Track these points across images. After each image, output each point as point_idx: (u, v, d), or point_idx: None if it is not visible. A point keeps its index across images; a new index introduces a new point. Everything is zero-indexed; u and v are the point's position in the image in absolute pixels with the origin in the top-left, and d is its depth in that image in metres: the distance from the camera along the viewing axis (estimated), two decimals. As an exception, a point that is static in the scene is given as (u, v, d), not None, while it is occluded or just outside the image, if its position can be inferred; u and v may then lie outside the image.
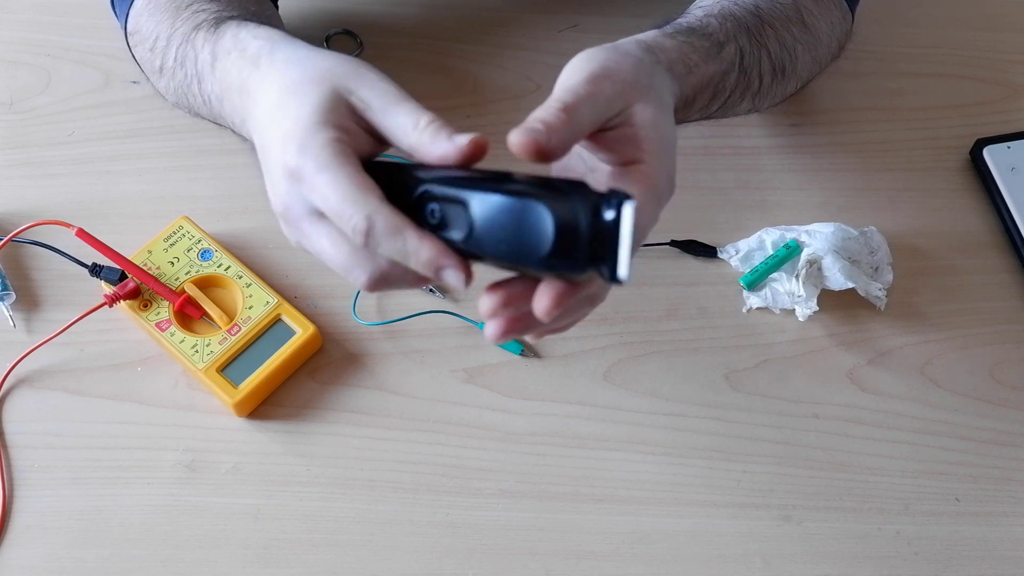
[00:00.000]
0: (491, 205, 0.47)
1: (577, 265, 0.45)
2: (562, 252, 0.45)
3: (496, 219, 0.46)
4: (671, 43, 0.60)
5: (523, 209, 0.46)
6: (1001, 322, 0.74)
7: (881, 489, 0.68)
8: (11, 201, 0.77)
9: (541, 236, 0.45)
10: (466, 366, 0.71)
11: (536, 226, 0.45)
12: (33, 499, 0.66)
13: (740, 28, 0.65)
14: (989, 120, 0.83)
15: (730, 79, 0.64)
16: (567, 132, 0.50)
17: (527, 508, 0.66)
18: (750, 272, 0.73)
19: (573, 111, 0.51)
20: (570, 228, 0.45)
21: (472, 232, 0.47)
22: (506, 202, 0.46)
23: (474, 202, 0.47)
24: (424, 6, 0.88)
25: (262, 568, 0.64)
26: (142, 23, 0.70)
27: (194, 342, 0.69)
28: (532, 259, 0.46)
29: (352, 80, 0.52)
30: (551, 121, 0.49)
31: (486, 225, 0.47)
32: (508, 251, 0.46)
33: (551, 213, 0.45)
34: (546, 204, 0.45)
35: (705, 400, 0.70)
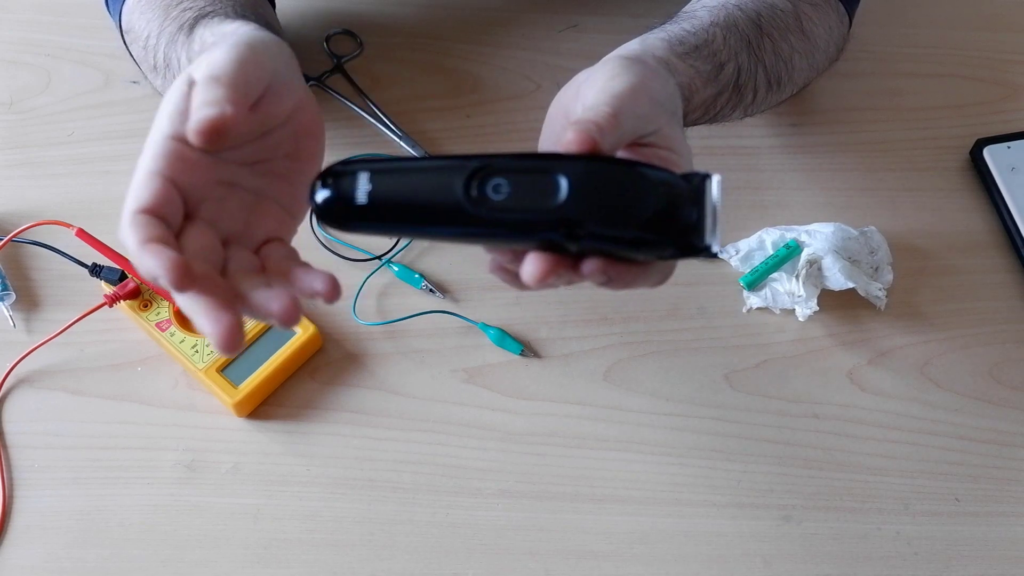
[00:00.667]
0: (587, 170, 0.46)
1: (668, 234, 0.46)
2: (661, 216, 0.45)
3: (594, 181, 0.45)
4: (682, 67, 0.60)
5: (625, 174, 0.46)
6: (1001, 322, 0.74)
7: (881, 489, 0.68)
8: (11, 201, 0.77)
9: (643, 199, 0.45)
10: (466, 366, 0.71)
11: (637, 190, 0.45)
12: (33, 499, 0.66)
13: (742, 44, 0.65)
14: (989, 120, 0.83)
15: (723, 98, 0.65)
16: (615, 135, 0.49)
17: (527, 508, 0.66)
18: (750, 272, 0.73)
19: (619, 116, 0.50)
20: (672, 191, 0.46)
21: (570, 193, 0.45)
22: (602, 166, 0.46)
23: (569, 167, 0.46)
24: (424, 6, 0.88)
25: (262, 568, 0.64)
26: (135, 21, 0.70)
27: (194, 342, 0.69)
28: (634, 222, 0.45)
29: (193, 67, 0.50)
30: (602, 123, 0.49)
31: (584, 187, 0.45)
32: (605, 215, 0.45)
33: (652, 177, 0.46)
34: (644, 169, 0.46)
35: (705, 400, 0.70)
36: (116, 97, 0.82)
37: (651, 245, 0.47)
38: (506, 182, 0.46)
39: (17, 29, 0.86)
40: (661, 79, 0.56)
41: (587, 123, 0.48)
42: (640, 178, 0.46)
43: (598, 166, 0.47)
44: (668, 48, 0.61)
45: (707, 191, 0.47)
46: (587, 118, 0.49)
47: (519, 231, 0.46)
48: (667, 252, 0.47)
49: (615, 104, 0.50)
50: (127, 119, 0.81)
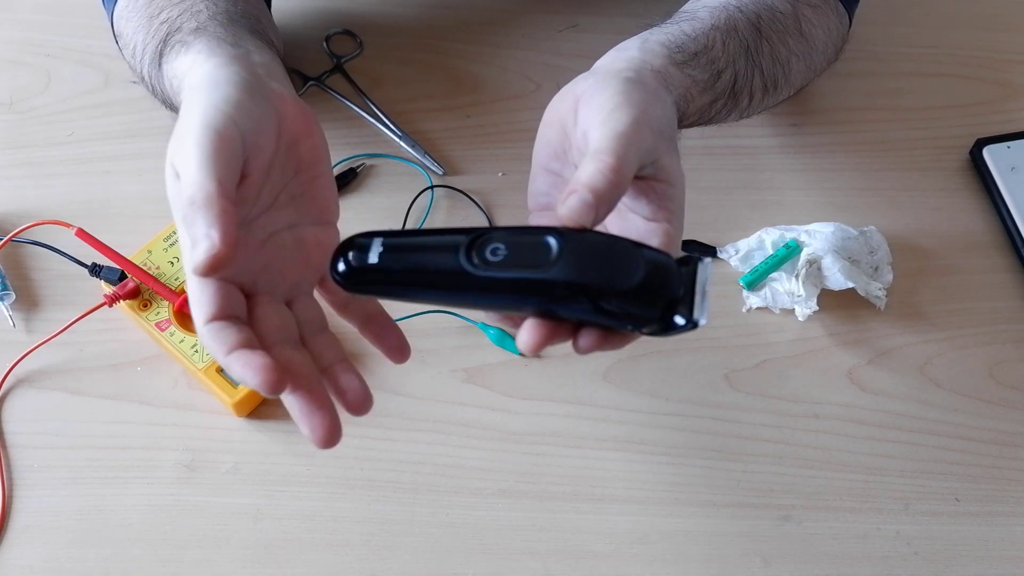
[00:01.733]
0: (580, 238, 0.48)
1: (657, 307, 0.48)
2: (649, 286, 0.47)
3: (585, 250, 0.48)
4: (679, 77, 0.60)
5: (613, 245, 0.48)
6: (1001, 322, 0.74)
7: (881, 489, 0.68)
8: (11, 201, 0.77)
9: (632, 268, 0.47)
10: (466, 366, 0.71)
11: (626, 259, 0.48)
12: (33, 499, 0.66)
13: (740, 48, 0.65)
14: (989, 120, 0.83)
15: (719, 104, 0.65)
16: (616, 195, 0.50)
17: (527, 508, 0.66)
18: (750, 272, 0.73)
19: (624, 167, 0.50)
20: (661, 265, 0.48)
21: (559, 258, 0.47)
22: (594, 236, 0.49)
23: (562, 236, 0.48)
24: (424, 6, 0.88)
25: (262, 568, 0.64)
26: (123, 27, 0.70)
27: (194, 342, 0.69)
28: (616, 289, 0.47)
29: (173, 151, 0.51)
30: (602, 189, 0.49)
31: (575, 254, 0.47)
32: (594, 278, 0.47)
33: (643, 251, 0.48)
34: (635, 244, 0.48)
35: (705, 400, 0.70)
36: (116, 97, 0.82)
37: (639, 318, 0.48)
38: (504, 246, 0.48)
39: (17, 29, 0.86)
40: (660, 103, 0.56)
41: (585, 198, 0.48)
42: (630, 252, 0.48)
43: (593, 237, 0.49)
44: (667, 56, 0.60)
45: (698, 271, 0.49)
46: (586, 183, 0.49)
47: (510, 293, 0.48)
48: (654, 326, 0.49)
49: (620, 150, 0.50)
50: (127, 119, 0.81)
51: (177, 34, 0.61)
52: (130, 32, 0.68)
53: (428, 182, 0.78)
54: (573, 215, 0.48)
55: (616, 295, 0.47)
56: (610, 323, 0.49)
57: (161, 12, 0.65)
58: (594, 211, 0.48)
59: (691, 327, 0.48)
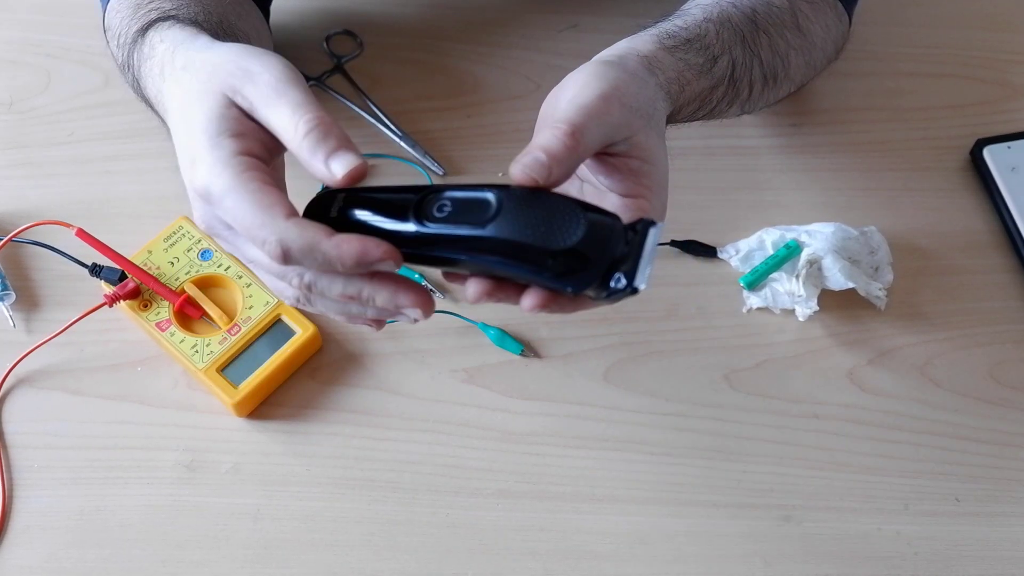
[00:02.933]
0: (523, 197, 0.47)
1: (594, 269, 0.47)
2: (586, 247, 0.46)
3: (525, 208, 0.47)
4: (670, 60, 0.60)
5: (558, 204, 0.47)
6: (1001, 322, 0.74)
7: (881, 489, 0.68)
8: (11, 201, 0.77)
9: (569, 228, 0.46)
10: (466, 366, 0.71)
11: (567, 219, 0.47)
12: (33, 499, 0.66)
13: (735, 37, 0.65)
14: (989, 120, 0.83)
15: (719, 92, 0.64)
16: (572, 161, 0.50)
17: (527, 508, 0.66)
18: (750, 272, 0.73)
19: (581, 134, 0.50)
20: (601, 226, 0.47)
21: (497, 215, 0.47)
22: (540, 196, 0.48)
23: (505, 193, 0.48)
24: (424, 6, 0.88)
25: (262, 568, 0.64)
26: (111, 18, 0.69)
27: (194, 342, 0.69)
28: (551, 248, 0.46)
29: (236, 78, 0.50)
30: (556, 151, 0.49)
31: (513, 212, 0.47)
32: (529, 236, 0.47)
33: (585, 213, 0.47)
34: (581, 205, 0.47)
35: (705, 400, 0.70)
36: (116, 97, 0.82)
37: (576, 279, 0.47)
38: (450, 203, 0.48)
39: (17, 29, 0.86)
40: (638, 82, 0.56)
41: (537, 157, 0.49)
42: (571, 212, 0.47)
43: (535, 196, 0.48)
44: (656, 43, 0.61)
45: (648, 236, 0.48)
46: (541, 144, 0.49)
47: (449, 249, 0.48)
48: (594, 290, 0.48)
49: (578, 117, 0.51)
50: (127, 119, 0.80)
51: (168, 18, 0.61)
52: (117, 22, 0.68)
53: (428, 182, 0.78)
54: (525, 170, 0.48)
55: (551, 254, 0.47)
56: (548, 283, 0.48)
57: (151, 3, 0.65)
58: (547, 170, 0.48)
59: (630, 292, 0.47)
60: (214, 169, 0.49)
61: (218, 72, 0.51)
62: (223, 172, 0.48)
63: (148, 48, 0.60)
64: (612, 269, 0.47)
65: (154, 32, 0.60)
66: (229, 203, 0.48)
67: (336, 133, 0.48)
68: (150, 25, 0.62)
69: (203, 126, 0.50)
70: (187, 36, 0.57)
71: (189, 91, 0.52)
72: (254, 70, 0.50)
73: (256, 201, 0.47)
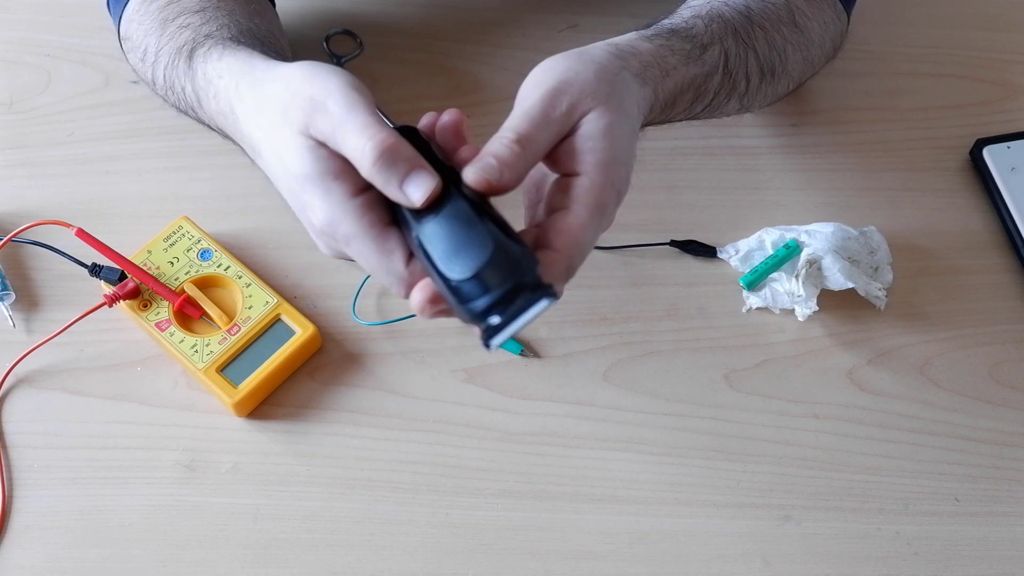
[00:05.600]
0: (455, 211, 0.50)
1: (477, 297, 0.48)
2: (483, 280, 0.48)
3: (450, 225, 0.49)
4: (647, 46, 0.60)
5: (475, 235, 0.49)
6: (1001, 322, 0.74)
7: (881, 489, 0.68)
8: (11, 201, 0.77)
9: (475, 255, 0.48)
10: (466, 366, 0.71)
11: (477, 247, 0.49)
12: (33, 499, 0.66)
13: (727, 30, 0.65)
14: (989, 120, 0.83)
15: (713, 81, 0.64)
16: (521, 165, 0.52)
17: (527, 508, 0.66)
18: (750, 272, 0.73)
19: (527, 141, 0.52)
20: (504, 264, 0.48)
21: (424, 220, 0.50)
22: (469, 215, 0.50)
23: (446, 204, 0.50)
24: (424, 6, 0.88)
25: (262, 568, 0.64)
26: (132, 30, 0.70)
27: (194, 342, 0.69)
28: (459, 268, 0.49)
29: (305, 113, 0.52)
30: (505, 157, 0.51)
31: (439, 224, 0.49)
32: (444, 250, 0.49)
33: (495, 245, 0.49)
34: (499, 239, 0.49)
35: (705, 400, 0.70)
36: (116, 97, 0.82)
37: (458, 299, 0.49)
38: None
39: (17, 29, 0.86)
40: (595, 65, 0.55)
41: (488, 162, 0.51)
42: (481, 246, 0.49)
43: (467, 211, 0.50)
44: (635, 35, 0.61)
45: (531, 307, 0.48)
46: (490, 151, 0.51)
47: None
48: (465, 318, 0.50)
49: (524, 126, 0.52)
50: (127, 119, 0.81)
51: (210, 40, 0.63)
52: (140, 35, 0.69)
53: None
54: (479, 173, 0.51)
55: (443, 277, 0.49)
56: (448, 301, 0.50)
57: (177, 18, 0.67)
58: (498, 172, 0.51)
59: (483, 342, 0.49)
60: (334, 215, 0.51)
61: (289, 111, 0.52)
62: (344, 219, 0.51)
63: (204, 82, 0.61)
64: (486, 314, 0.48)
65: (204, 63, 0.62)
66: (355, 249, 0.52)
67: (403, 155, 0.50)
68: (193, 52, 0.63)
69: (305, 172, 0.52)
70: (243, 67, 0.58)
71: (271, 135, 0.54)
72: (318, 98, 0.52)
73: (379, 248, 0.51)
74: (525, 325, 0.48)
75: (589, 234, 0.52)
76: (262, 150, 0.55)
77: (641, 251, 0.75)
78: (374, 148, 0.49)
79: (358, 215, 0.51)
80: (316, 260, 0.74)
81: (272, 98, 0.54)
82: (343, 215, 0.51)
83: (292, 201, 0.54)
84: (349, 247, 0.52)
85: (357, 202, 0.51)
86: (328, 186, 0.51)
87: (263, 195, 0.77)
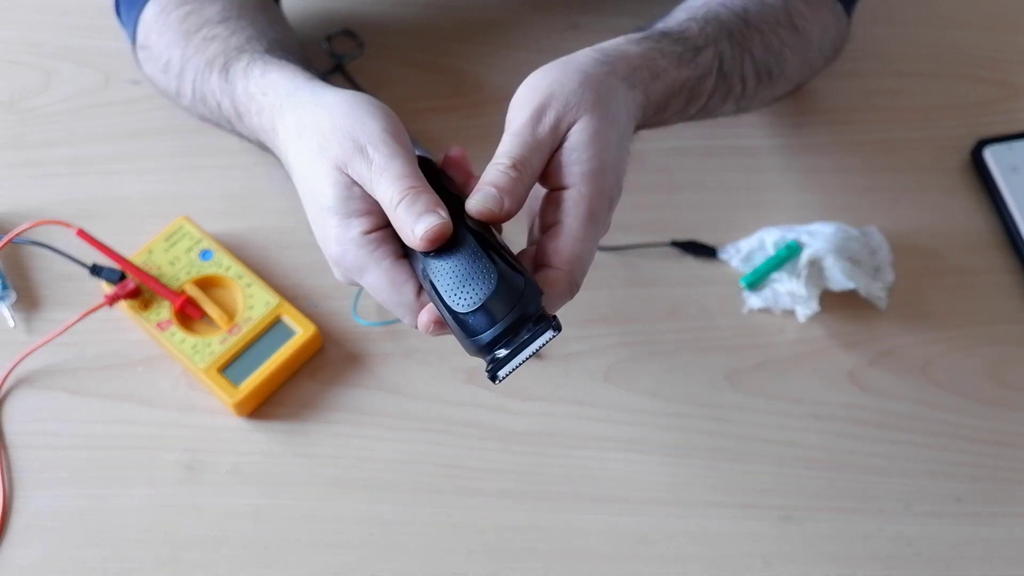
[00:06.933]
0: (461, 245, 0.51)
1: (483, 330, 0.49)
2: (487, 312, 0.49)
3: (456, 258, 0.50)
4: (636, 49, 0.60)
5: (482, 263, 0.50)
6: (1002, 322, 0.74)
7: (882, 489, 0.68)
8: (11, 201, 0.77)
9: (480, 289, 0.49)
10: (466, 366, 0.71)
11: (482, 280, 0.49)
12: (33, 499, 0.66)
13: (721, 32, 0.65)
14: (990, 120, 0.83)
15: (707, 84, 0.64)
16: (520, 190, 0.53)
17: (527, 508, 0.66)
18: (751, 272, 0.73)
19: (523, 165, 0.53)
20: (508, 296, 0.49)
21: (427, 260, 0.51)
22: (474, 248, 0.50)
23: (453, 237, 0.51)
24: (424, 6, 0.88)
25: (262, 568, 0.64)
26: (152, 40, 0.70)
27: (194, 342, 0.69)
28: (464, 301, 0.49)
29: (346, 152, 0.53)
30: (503, 184, 0.52)
31: (445, 258, 0.51)
32: (450, 284, 0.50)
33: (499, 277, 0.49)
34: (502, 271, 0.50)
35: (705, 400, 0.70)
36: (116, 97, 0.82)
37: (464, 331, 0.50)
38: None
39: (17, 29, 0.86)
40: (580, 75, 0.56)
41: (489, 193, 0.52)
42: (487, 279, 0.50)
43: (473, 244, 0.51)
44: (623, 39, 0.61)
45: (535, 338, 0.50)
46: (489, 181, 0.52)
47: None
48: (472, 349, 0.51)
49: (517, 150, 0.53)
50: (127, 119, 0.80)
51: (244, 53, 0.64)
52: (162, 46, 0.70)
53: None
54: (480, 204, 0.52)
55: (448, 308, 0.50)
56: (449, 322, 0.51)
57: (201, 29, 0.67)
58: (499, 202, 0.52)
59: (489, 375, 0.50)
60: (348, 249, 0.53)
61: (329, 143, 0.54)
62: (357, 252, 0.53)
63: (246, 97, 0.62)
64: (491, 347, 0.49)
65: (245, 79, 0.62)
66: (367, 280, 0.53)
67: (424, 199, 0.51)
68: (228, 66, 0.64)
69: (332, 206, 0.53)
70: (288, 87, 0.60)
71: (309, 162, 0.55)
72: (360, 141, 0.53)
73: (390, 280, 0.52)
74: (530, 356, 0.50)
75: (586, 246, 0.53)
76: (294, 173, 0.57)
77: (642, 251, 0.75)
78: (402, 191, 0.51)
79: (371, 248, 0.53)
80: (316, 260, 0.73)
81: (313, 125, 0.55)
82: (357, 248, 0.53)
83: (315, 227, 0.55)
84: (362, 278, 0.53)
85: (372, 236, 0.53)
86: (349, 222, 0.53)
87: (264, 195, 0.77)
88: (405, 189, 0.51)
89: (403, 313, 0.53)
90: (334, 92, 0.57)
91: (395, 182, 0.52)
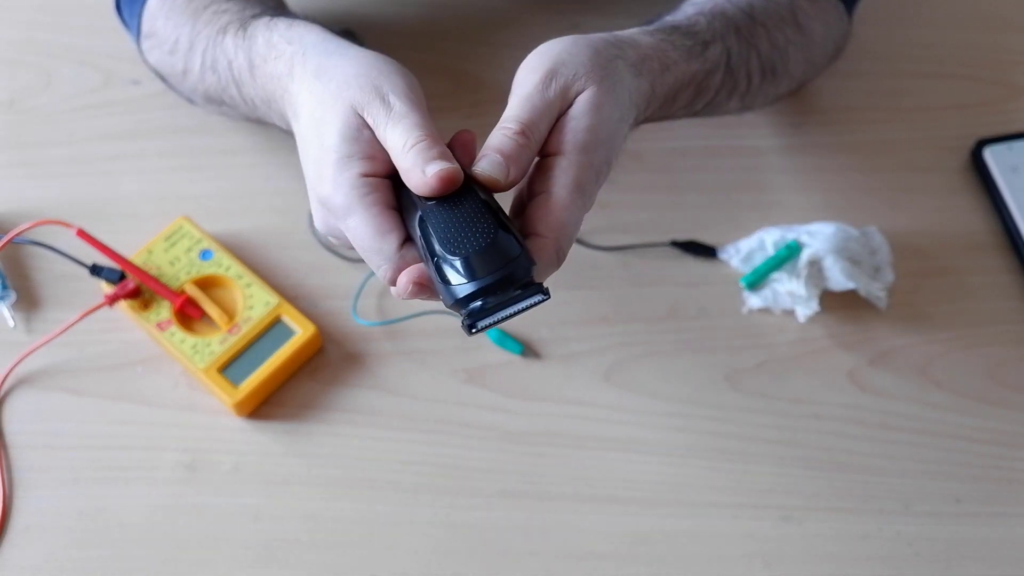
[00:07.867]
0: (465, 203, 0.50)
1: (467, 280, 0.49)
2: (476, 263, 0.48)
3: (457, 212, 0.50)
4: (647, 40, 0.60)
5: (483, 222, 0.50)
6: (1002, 322, 0.74)
7: (881, 490, 0.68)
8: (11, 201, 0.77)
9: (475, 241, 0.49)
10: (466, 366, 0.71)
11: (478, 235, 0.49)
12: (33, 499, 0.66)
13: (729, 27, 0.65)
14: (990, 120, 0.82)
15: (715, 78, 0.64)
16: (526, 156, 0.52)
17: (527, 508, 0.66)
18: (751, 272, 0.73)
19: (531, 130, 0.53)
20: (500, 254, 0.49)
21: (433, 204, 0.50)
22: (478, 209, 0.50)
23: (459, 197, 0.51)
24: (424, 6, 0.88)
25: (262, 568, 0.64)
26: (158, 26, 0.70)
27: (194, 342, 0.69)
28: (456, 249, 0.49)
29: (367, 95, 0.53)
30: (510, 152, 0.52)
31: (447, 210, 0.50)
32: (445, 231, 0.49)
33: (500, 233, 0.49)
34: (503, 228, 0.49)
35: (705, 400, 0.70)
36: (116, 97, 0.82)
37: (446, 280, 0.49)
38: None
39: (17, 29, 0.86)
40: (590, 49, 0.56)
41: (494, 159, 0.51)
42: (484, 228, 0.50)
43: (472, 201, 0.50)
44: (637, 30, 0.61)
45: (525, 296, 0.49)
46: (494, 146, 0.52)
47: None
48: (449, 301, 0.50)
49: (525, 115, 0.53)
50: (127, 119, 0.80)
51: (265, 14, 0.64)
52: (169, 29, 0.69)
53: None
54: (485, 171, 0.51)
55: (435, 255, 0.49)
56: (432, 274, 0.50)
57: (210, 6, 0.67)
58: (504, 168, 0.51)
59: (466, 327, 0.49)
60: (340, 188, 0.52)
61: (350, 85, 0.54)
62: (349, 193, 0.51)
63: (266, 47, 0.61)
64: (470, 299, 0.49)
65: (268, 31, 0.61)
66: (352, 223, 0.52)
67: (440, 148, 0.51)
68: (246, 24, 0.63)
69: (334, 144, 0.52)
70: (316, 38, 0.59)
71: (321, 101, 0.54)
72: (384, 89, 0.53)
73: (376, 226, 0.51)
74: (510, 317, 0.49)
75: (572, 215, 0.52)
76: (302, 111, 0.56)
77: (642, 251, 0.75)
78: (419, 136, 0.51)
79: (364, 191, 0.52)
80: (316, 260, 0.74)
81: (335, 69, 0.55)
82: (350, 188, 0.52)
83: (309, 167, 0.55)
84: (346, 220, 0.52)
85: (368, 180, 0.52)
86: (347, 163, 0.52)
87: (263, 195, 0.77)
88: (423, 135, 0.51)
89: (380, 262, 0.52)
90: (363, 49, 0.57)
91: (412, 129, 0.51)
